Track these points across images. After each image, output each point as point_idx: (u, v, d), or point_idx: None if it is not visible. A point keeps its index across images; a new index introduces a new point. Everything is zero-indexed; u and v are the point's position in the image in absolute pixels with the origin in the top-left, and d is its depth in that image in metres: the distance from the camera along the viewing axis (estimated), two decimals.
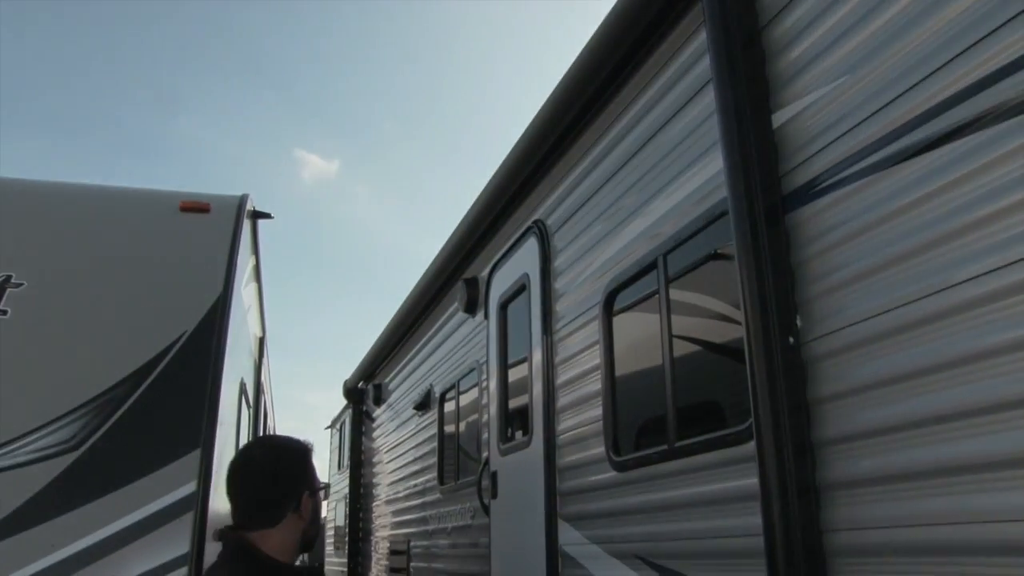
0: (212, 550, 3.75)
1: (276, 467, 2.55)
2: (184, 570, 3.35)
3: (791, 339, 2.63)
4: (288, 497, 2.51)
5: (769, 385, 2.57)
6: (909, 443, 2.25)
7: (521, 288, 5.01)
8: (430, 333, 7.34)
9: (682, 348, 3.37)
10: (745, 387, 2.73)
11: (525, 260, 4.98)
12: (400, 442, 8.27)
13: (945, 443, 2.15)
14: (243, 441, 5.68)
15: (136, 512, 3.40)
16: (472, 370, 5.98)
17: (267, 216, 5.51)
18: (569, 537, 4.15)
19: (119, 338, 3.91)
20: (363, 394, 10.31)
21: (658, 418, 3.41)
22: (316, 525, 2.61)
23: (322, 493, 2.66)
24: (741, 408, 2.93)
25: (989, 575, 2.03)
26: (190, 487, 3.41)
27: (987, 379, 2.05)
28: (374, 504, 9.44)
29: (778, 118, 2.84)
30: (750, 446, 2.77)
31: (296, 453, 2.61)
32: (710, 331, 3.31)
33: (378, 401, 9.53)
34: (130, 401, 3.55)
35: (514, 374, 5.13)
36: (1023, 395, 1.96)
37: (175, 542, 3.37)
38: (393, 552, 8.10)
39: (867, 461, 2.38)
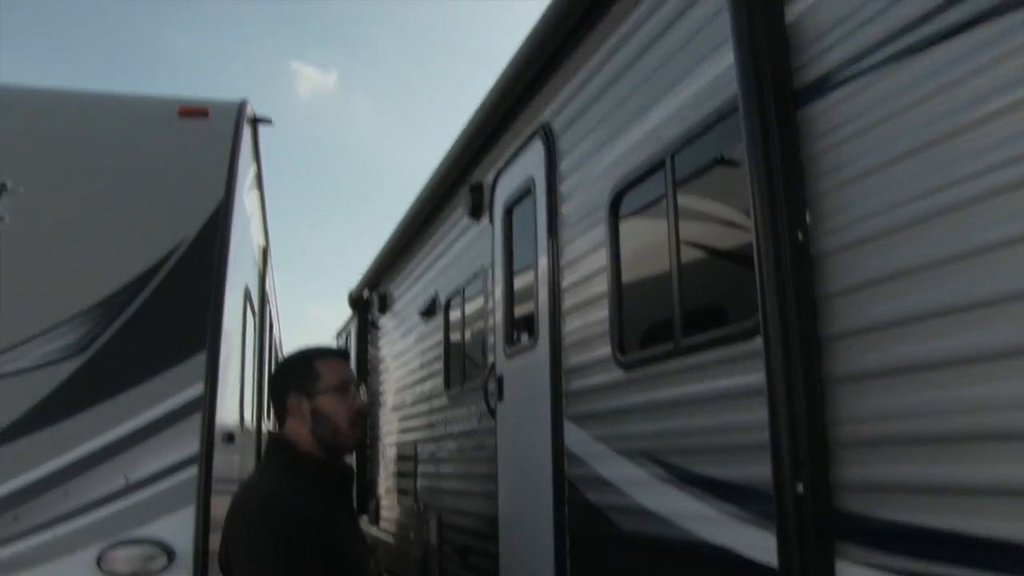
0: (220, 451, 3.80)
1: (273, 377, 2.87)
2: (194, 469, 3.38)
3: (800, 235, 2.61)
4: (279, 400, 2.78)
5: (777, 280, 2.56)
6: (914, 336, 2.25)
7: (526, 192, 4.97)
8: (435, 240, 7.32)
9: (688, 247, 3.35)
10: (751, 285, 2.72)
11: (530, 164, 4.93)
12: (406, 350, 8.32)
13: (949, 336, 2.15)
14: (249, 347, 5.70)
15: (144, 414, 3.42)
16: (477, 275, 5.97)
17: (267, 122, 5.44)
18: (575, 437, 4.18)
19: (120, 244, 3.88)
20: (368, 303, 10.33)
21: (664, 317, 3.41)
22: (325, 430, 2.73)
23: (329, 396, 2.75)
24: (747, 305, 2.92)
25: (987, 462, 2.04)
26: (197, 389, 3.43)
27: (993, 272, 2.04)
28: (380, 411, 9.53)
29: (791, 12, 2.78)
30: (756, 342, 2.77)
31: (292, 359, 2.85)
32: (717, 230, 3.29)
33: (383, 310, 9.54)
34: (134, 306, 3.54)
35: (519, 278, 5.13)
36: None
37: (184, 443, 3.39)
38: (400, 457, 8.20)
39: (873, 354, 2.39)
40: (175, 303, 3.55)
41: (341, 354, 3.08)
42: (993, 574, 2.01)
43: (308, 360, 2.82)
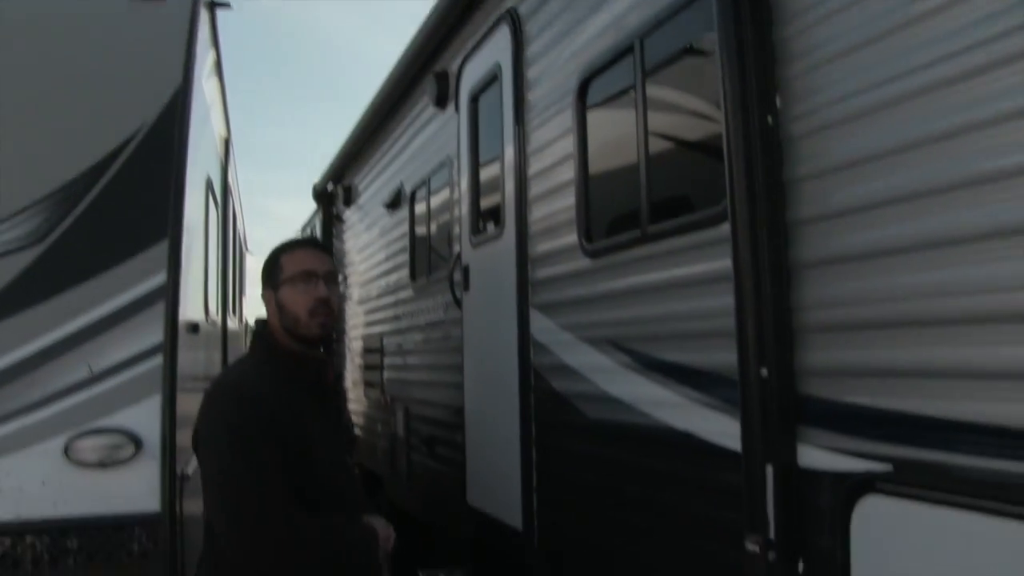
0: (186, 341, 3.78)
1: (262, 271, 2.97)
2: (159, 358, 3.36)
3: (769, 119, 2.58)
4: (262, 295, 2.93)
5: (746, 164, 2.53)
6: (881, 221, 2.25)
7: (492, 79, 4.88)
8: (400, 130, 7.20)
9: (656, 133, 3.31)
10: (719, 171, 2.70)
11: (496, 50, 4.83)
12: (371, 242, 8.27)
13: (915, 220, 2.14)
14: (212, 239, 5.64)
15: (106, 303, 3.37)
16: (443, 165, 5.90)
17: (226, 6, 5.27)
18: (541, 326, 4.19)
19: (76, 131, 3.75)
20: (332, 196, 10.23)
21: (631, 204, 3.39)
22: (286, 319, 2.84)
23: (287, 287, 2.85)
24: (715, 191, 2.90)
25: (949, 345, 2.06)
26: (160, 278, 3.38)
27: (964, 155, 2.02)
28: (346, 305, 9.52)
29: None
30: (724, 228, 2.76)
31: (271, 253, 2.96)
32: (685, 116, 3.25)
33: (348, 202, 9.45)
34: (93, 193, 3.45)
35: (485, 167, 5.07)
36: (997, 169, 1.94)
37: (148, 331, 3.36)
38: (367, 350, 8.23)
39: (840, 239, 2.38)
40: (135, 190, 3.47)
41: (310, 244, 3.14)
42: (952, 455, 2.04)
43: (276, 255, 2.93)
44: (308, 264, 2.90)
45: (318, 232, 10.58)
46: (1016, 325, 1.91)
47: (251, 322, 12.92)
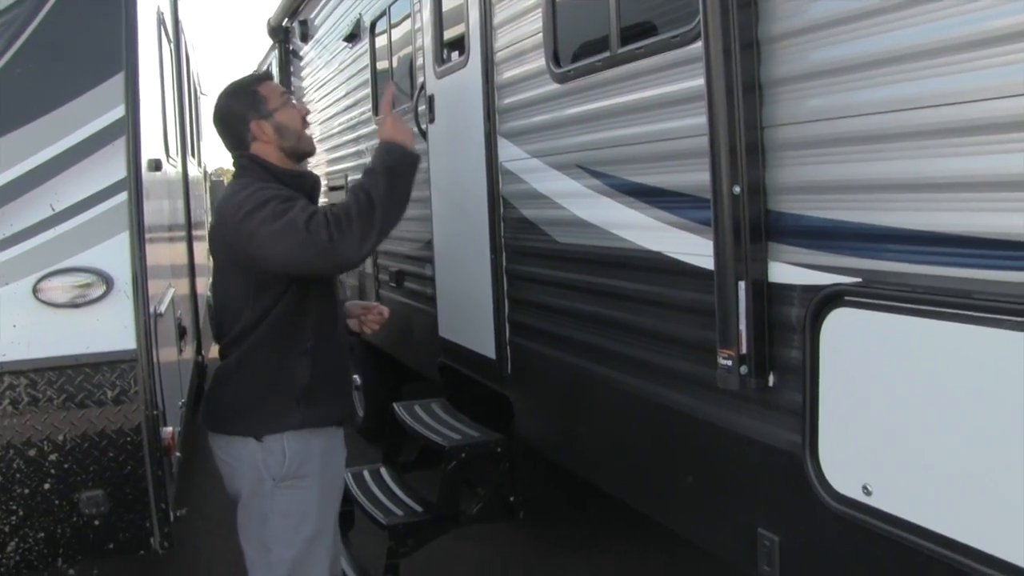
0: (149, 178, 3.71)
1: (223, 111, 3.10)
2: (124, 195, 3.29)
3: None
4: (240, 132, 3.06)
5: None
6: (851, 35, 2.21)
7: None
8: None
9: None
10: None
11: None
12: (331, 78, 8.08)
13: (885, 33, 2.11)
14: (167, 73, 5.47)
15: (63, 140, 3.25)
16: None
17: None
18: (509, 153, 4.16)
19: None
20: (288, 32, 9.94)
21: (601, 26, 3.31)
22: (289, 139, 3.08)
23: (281, 110, 3.08)
24: (686, 11, 2.84)
25: (917, 158, 2.07)
26: (118, 111, 3.26)
27: None
28: None
29: None
30: (696, 47, 2.71)
31: (236, 89, 3.10)
32: None
33: (305, 38, 9.18)
34: (35, 23, 3.25)
35: None
36: None
37: (110, 168, 3.26)
38: (331, 188, 8.14)
39: (810, 56, 2.35)
40: (83, 20, 3.29)
41: (268, 76, 3.25)
42: (919, 266, 2.08)
43: (248, 88, 3.09)
44: (281, 89, 3.19)
45: (275, 70, 10.32)
46: (980, 136, 1.92)
47: (209, 168, 12.76)
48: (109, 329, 3.31)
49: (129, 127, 3.28)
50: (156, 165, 4.17)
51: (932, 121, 2.02)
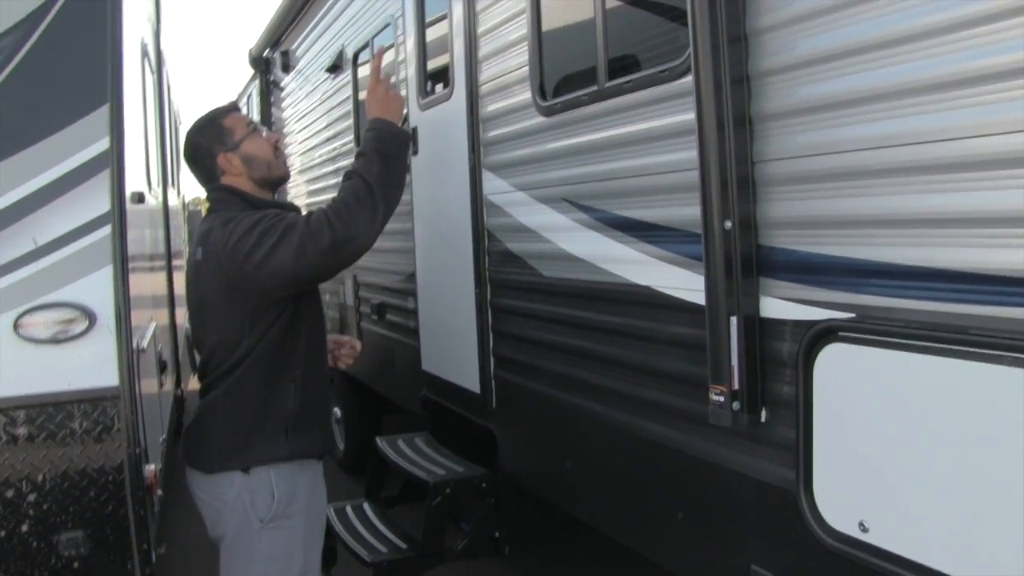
0: (132, 211, 3.67)
1: (191, 147, 3.12)
2: (107, 228, 3.24)
3: None
4: (207, 163, 3.08)
5: (710, 15, 2.47)
6: (842, 72, 2.22)
7: None
8: None
9: None
10: (679, 23, 2.65)
11: None
12: (312, 108, 8.06)
13: (877, 70, 2.12)
14: (150, 104, 5.44)
15: (47, 172, 3.19)
16: (387, 25, 5.71)
17: None
18: (494, 186, 4.15)
19: None
20: (270, 62, 9.93)
21: (588, 60, 3.31)
22: (258, 169, 3.09)
23: (248, 140, 3.09)
24: (675, 45, 2.85)
25: (902, 193, 2.08)
26: (103, 144, 3.21)
27: (919, 5, 2.00)
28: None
29: None
30: (685, 81, 2.72)
31: (202, 125, 3.11)
32: None
33: (286, 68, 9.18)
34: (21, 55, 3.22)
35: (432, 25, 4.92)
36: (945, 22, 1.94)
37: (94, 201, 3.21)
38: None
39: (801, 91, 2.36)
40: (69, 52, 3.24)
41: (233, 107, 3.26)
42: (915, 301, 2.07)
43: (213, 122, 3.10)
44: (247, 119, 3.19)
45: (255, 100, 10.31)
46: (967, 172, 1.93)
47: (187, 198, 12.70)
48: (91, 365, 3.25)
49: (114, 160, 3.23)
50: (139, 198, 4.12)
51: (918, 158, 2.03)
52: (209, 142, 3.07)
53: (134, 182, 3.82)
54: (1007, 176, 1.85)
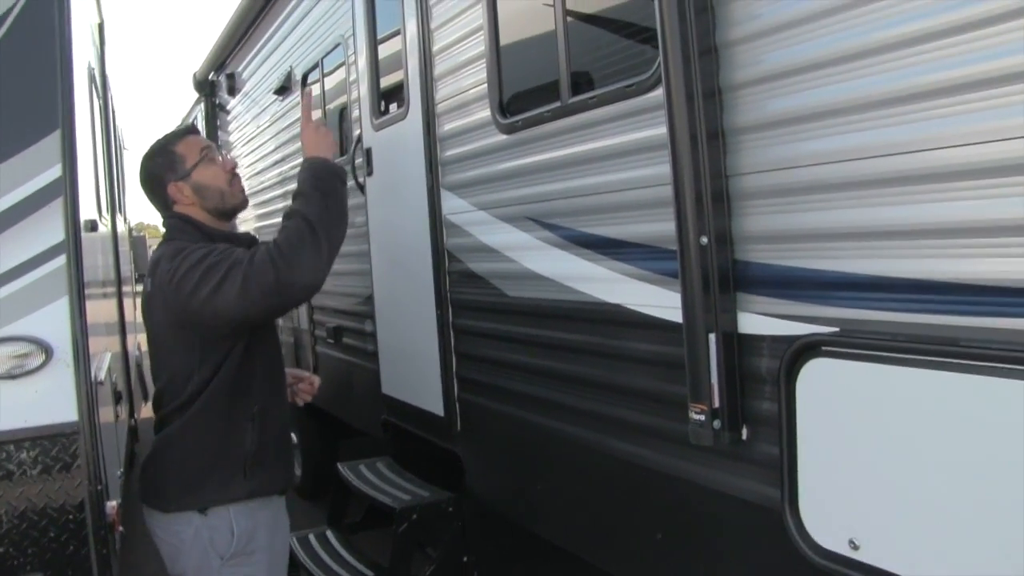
0: (87, 239, 3.56)
1: (144, 174, 3.04)
2: (62, 258, 3.13)
3: None
4: (159, 193, 3.01)
5: (680, 28, 2.44)
6: (813, 83, 2.21)
7: None
8: (287, 11, 6.84)
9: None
10: (646, 37, 2.62)
11: None
12: (260, 131, 7.95)
13: (849, 80, 2.11)
14: (98, 130, 5.31)
15: None
16: (337, 45, 5.64)
17: None
18: (453, 206, 4.09)
19: None
20: (215, 85, 9.80)
21: (550, 75, 3.27)
22: (211, 199, 3.01)
23: (200, 168, 3.00)
24: (641, 59, 2.82)
25: (878, 205, 2.08)
26: (55, 171, 3.10)
27: (897, 15, 1.99)
28: None
29: None
30: (653, 95, 2.69)
31: (154, 151, 3.02)
32: None
33: (232, 91, 9.06)
34: None
35: (384, 44, 4.86)
36: (917, 33, 1.93)
37: (47, 230, 3.09)
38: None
39: (774, 103, 2.34)
40: (16, 78, 3.14)
41: (189, 130, 3.17)
42: (899, 313, 2.06)
43: (165, 148, 3.01)
44: (202, 144, 3.07)
45: (201, 123, 10.16)
46: (941, 183, 1.92)
47: (133, 224, 12.50)
48: (48, 401, 3.13)
49: (67, 187, 3.12)
50: (92, 226, 4.01)
51: (893, 169, 2.02)
52: (161, 170, 2.99)
53: (86, 210, 3.71)
54: (987, 186, 1.84)
